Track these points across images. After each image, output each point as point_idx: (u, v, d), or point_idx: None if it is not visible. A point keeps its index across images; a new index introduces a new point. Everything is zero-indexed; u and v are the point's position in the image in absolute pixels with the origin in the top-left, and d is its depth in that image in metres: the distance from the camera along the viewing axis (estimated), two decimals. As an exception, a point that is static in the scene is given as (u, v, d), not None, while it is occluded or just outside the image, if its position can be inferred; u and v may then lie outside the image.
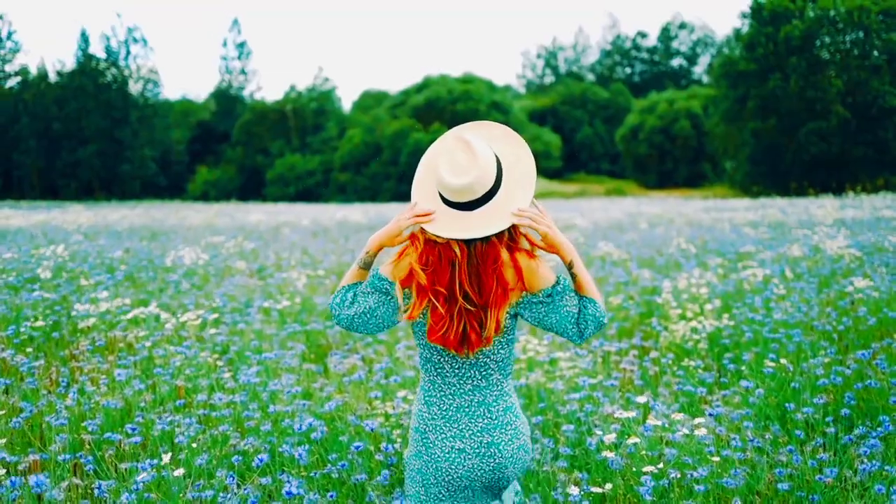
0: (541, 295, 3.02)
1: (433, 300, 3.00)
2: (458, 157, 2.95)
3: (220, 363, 6.80)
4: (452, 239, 2.97)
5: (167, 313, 7.66)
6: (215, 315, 7.84)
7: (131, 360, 6.47)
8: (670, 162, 75.70)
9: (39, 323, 7.71)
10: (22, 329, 7.85)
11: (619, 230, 19.85)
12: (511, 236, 3.05)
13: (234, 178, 76.42)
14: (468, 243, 2.98)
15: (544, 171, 76.12)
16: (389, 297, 3.13)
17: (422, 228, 3.04)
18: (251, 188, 74.79)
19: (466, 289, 2.98)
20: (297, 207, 42.46)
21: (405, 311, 3.08)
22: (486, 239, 2.98)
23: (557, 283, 3.05)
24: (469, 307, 2.98)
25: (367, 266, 3.24)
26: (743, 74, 57.72)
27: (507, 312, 3.03)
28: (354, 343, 7.87)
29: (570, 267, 3.09)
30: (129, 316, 7.61)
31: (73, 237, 17.57)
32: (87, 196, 73.93)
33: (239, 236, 17.86)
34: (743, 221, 21.62)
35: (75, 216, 27.12)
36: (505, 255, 3.00)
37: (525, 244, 3.09)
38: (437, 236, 2.99)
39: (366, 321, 3.17)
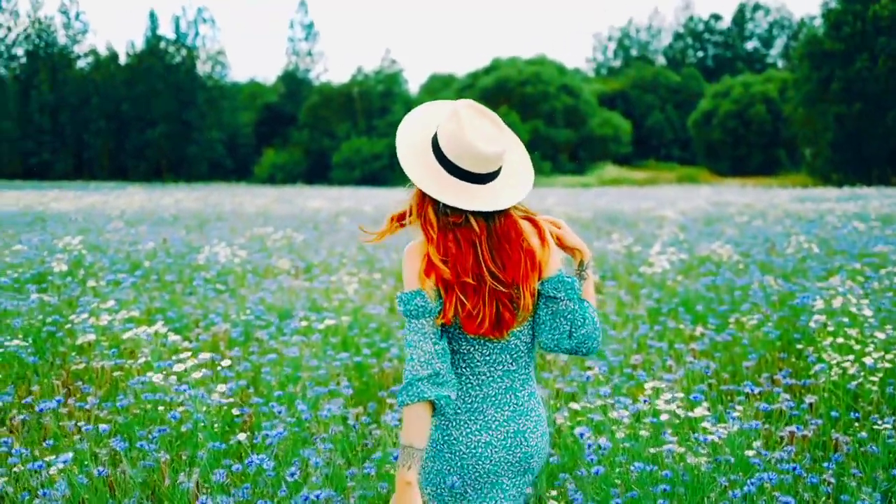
0: (553, 282, 2.90)
1: (460, 295, 2.82)
2: (483, 126, 2.84)
3: (234, 412, 5.08)
4: (480, 214, 2.83)
5: (177, 336, 5.91)
6: (240, 328, 6.08)
7: (108, 407, 4.77)
8: (744, 148, 73.70)
9: (13, 344, 6.03)
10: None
11: (712, 223, 17.81)
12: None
13: (300, 161, 76.21)
14: (487, 219, 2.85)
15: (614, 157, 74.94)
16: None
17: (431, 211, 2.86)
18: (317, 171, 74.28)
19: (492, 268, 2.83)
20: (361, 192, 40.96)
21: (439, 316, 2.85)
22: (504, 212, 2.87)
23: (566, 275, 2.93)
24: (499, 287, 2.83)
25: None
26: (828, 55, 55.17)
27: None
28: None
29: (584, 267, 3.05)
30: (130, 334, 5.90)
31: (111, 224, 16.02)
32: (155, 178, 74.29)
33: (290, 227, 16.09)
34: (847, 214, 19.47)
35: (127, 200, 25.77)
36: (526, 224, 2.92)
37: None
38: (456, 215, 2.83)
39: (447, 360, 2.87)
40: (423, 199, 2.90)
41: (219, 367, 5.60)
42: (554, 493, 4.45)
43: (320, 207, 23.53)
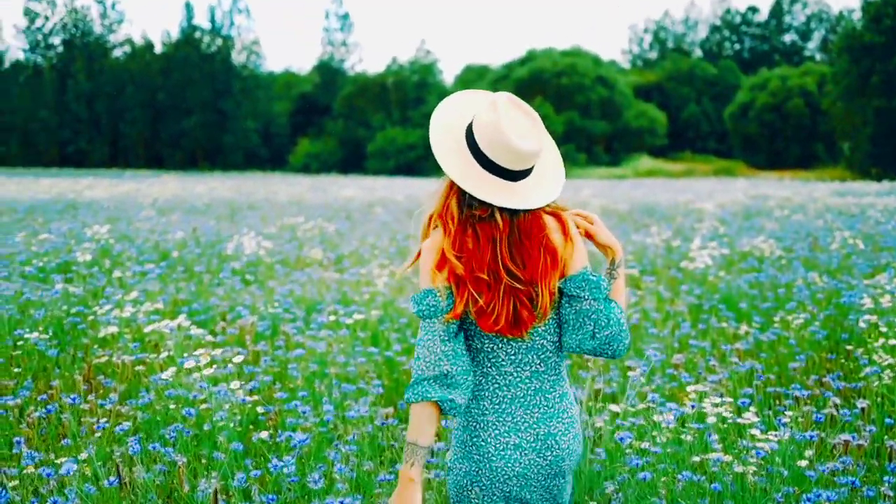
0: (576, 280, 2.80)
1: (472, 292, 2.73)
2: (521, 122, 2.75)
3: (259, 410, 4.85)
4: (506, 209, 2.75)
5: (202, 329, 5.70)
6: (267, 321, 5.85)
7: (131, 404, 4.56)
8: (781, 142, 73.10)
9: (33, 336, 5.84)
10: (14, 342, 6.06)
11: (752, 217, 17.41)
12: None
13: (335, 150, 76.43)
14: (512, 215, 2.76)
15: (649, 149, 74.47)
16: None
17: (454, 203, 2.78)
18: (352, 161, 74.37)
19: (510, 266, 2.73)
20: (396, 182, 40.72)
21: (449, 312, 2.75)
22: (530, 210, 2.78)
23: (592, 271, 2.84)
24: (516, 285, 2.74)
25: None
26: (867, 48, 54.43)
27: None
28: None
29: (615, 266, 2.93)
30: (153, 328, 5.70)
31: (142, 213, 15.88)
32: (190, 166, 74.78)
33: (322, 216, 15.86)
34: (889, 208, 18.98)
35: (160, 188, 25.70)
36: (549, 220, 2.82)
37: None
38: (483, 209, 2.74)
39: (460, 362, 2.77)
40: (450, 189, 2.83)
41: (241, 362, 5.39)
42: (594, 503, 4.20)
43: (353, 197, 23.32)
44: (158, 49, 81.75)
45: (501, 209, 2.76)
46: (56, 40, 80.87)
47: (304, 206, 20.03)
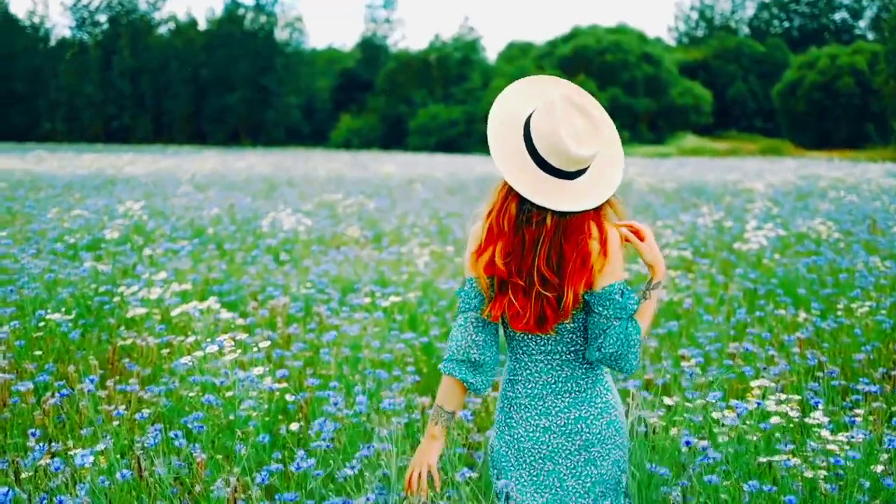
0: (601, 297, 2.84)
1: (511, 297, 2.86)
2: (578, 124, 2.75)
3: (289, 398, 4.54)
4: (557, 210, 2.78)
5: (232, 312, 5.40)
6: (300, 302, 5.52)
7: (150, 391, 4.27)
8: (830, 121, 71.83)
9: (55, 317, 5.57)
10: (38, 322, 5.79)
11: (804, 197, 16.84)
12: (597, 209, 2.87)
13: (376, 126, 76.38)
14: (562, 215, 2.80)
15: (694, 128, 73.95)
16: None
17: (514, 206, 2.82)
18: (393, 137, 74.21)
19: (544, 272, 2.82)
20: (436, 158, 40.34)
21: (486, 309, 2.92)
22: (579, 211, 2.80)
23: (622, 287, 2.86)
24: (545, 292, 2.83)
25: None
26: (922, 26, 53.05)
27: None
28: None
29: (652, 286, 2.95)
30: (179, 310, 5.41)
31: (180, 188, 15.65)
32: (232, 142, 74.97)
33: (362, 193, 15.52)
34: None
35: (199, 163, 25.51)
36: (592, 227, 2.83)
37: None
38: (539, 210, 2.78)
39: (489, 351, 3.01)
40: (508, 191, 2.85)
41: (269, 347, 5.08)
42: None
43: (393, 173, 22.96)
44: (202, 26, 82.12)
45: (554, 211, 2.80)
46: (102, 17, 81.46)
47: (343, 182, 19.71)
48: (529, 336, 2.97)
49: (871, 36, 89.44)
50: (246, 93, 78.14)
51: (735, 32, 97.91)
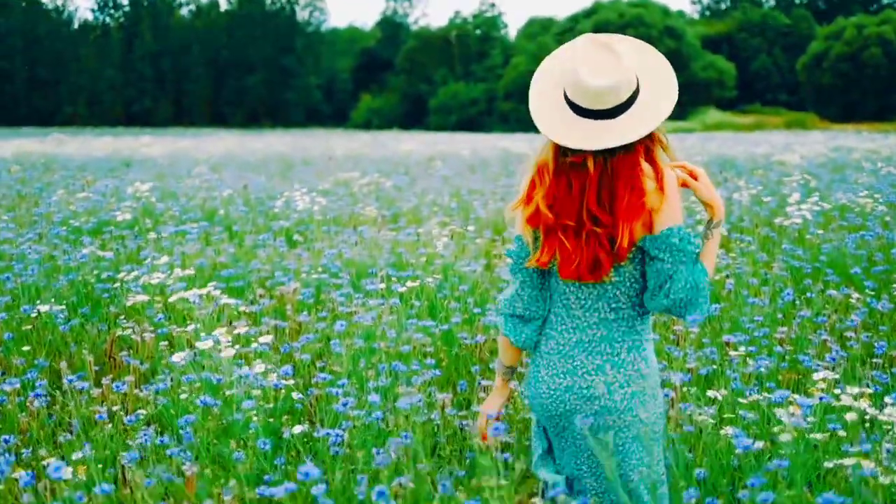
0: (658, 241, 2.74)
1: (562, 238, 2.78)
2: (598, 59, 2.72)
3: (295, 396, 4.09)
4: (591, 151, 2.72)
5: (236, 298, 4.95)
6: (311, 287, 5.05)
7: (146, 390, 3.82)
8: (857, 93, 71.16)
9: (47, 308, 5.14)
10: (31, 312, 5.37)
11: (840, 170, 16.22)
12: (647, 149, 2.79)
13: (396, 106, 76.13)
14: (606, 156, 2.72)
15: (717, 102, 72.86)
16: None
17: (552, 153, 2.81)
18: (414, 117, 73.86)
19: (595, 212, 2.74)
20: (456, 137, 39.77)
21: (534, 257, 2.86)
22: (630, 147, 2.72)
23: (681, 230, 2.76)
24: (597, 229, 2.74)
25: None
26: (954, -8, 51.96)
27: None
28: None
29: (713, 226, 2.88)
30: (177, 297, 4.97)
31: (195, 169, 15.21)
32: (253, 124, 74.76)
33: (379, 171, 15.02)
34: None
35: (216, 144, 25.11)
36: (647, 167, 2.74)
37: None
38: (575, 153, 2.74)
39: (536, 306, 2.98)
40: (550, 140, 2.82)
41: (275, 338, 4.63)
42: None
43: (413, 151, 22.42)
44: (223, 6, 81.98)
45: (594, 153, 2.73)
46: (124, 0, 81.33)
47: (362, 160, 19.21)
48: (572, 290, 2.89)
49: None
50: (266, 74, 78.18)
51: (760, 4, 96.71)
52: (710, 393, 4.23)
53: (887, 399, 3.92)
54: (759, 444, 3.57)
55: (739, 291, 6.17)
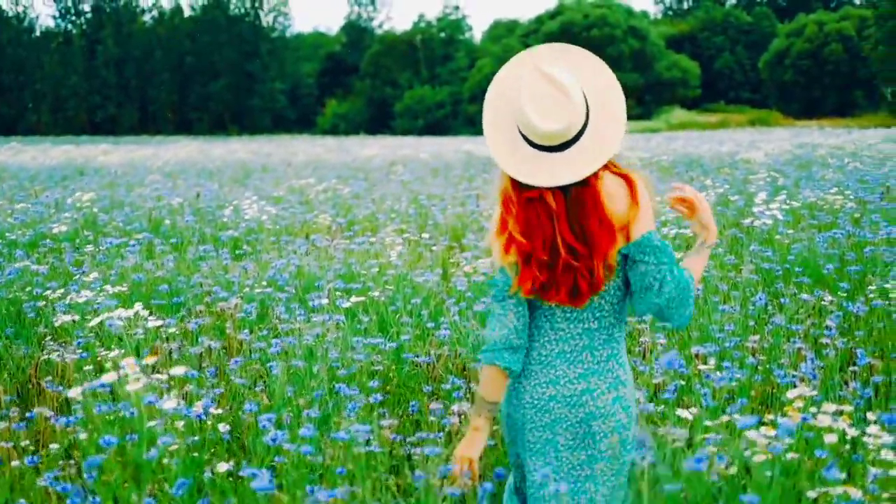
0: (640, 245, 2.78)
1: (535, 271, 2.79)
2: (545, 97, 2.68)
3: (222, 428, 3.70)
4: (543, 188, 2.75)
5: (171, 317, 4.54)
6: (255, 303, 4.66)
7: (57, 422, 3.42)
8: (818, 89, 71.78)
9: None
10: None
11: (807, 167, 16.00)
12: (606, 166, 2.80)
13: (362, 110, 75.94)
14: (563, 189, 2.76)
15: (682, 101, 73.42)
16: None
17: (510, 185, 2.82)
18: (380, 121, 73.61)
19: (570, 241, 2.77)
20: (423, 141, 39.41)
21: (515, 284, 2.83)
22: (584, 180, 2.74)
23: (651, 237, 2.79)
24: (573, 262, 2.76)
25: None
26: (915, -12, 52.40)
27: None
28: (468, 380, 4.64)
29: (705, 247, 2.96)
30: (98, 320, 4.56)
31: (150, 177, 14.73)
32: (219, 130, 74.14)
33: (336, 178, 14.59)
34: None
35: (176, 152, 24.59)
36: (612, 184, 2.77)
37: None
38: (531, 188, 2.76)
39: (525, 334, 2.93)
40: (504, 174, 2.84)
41: (207, 363, 4.24)
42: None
43: (375, 156, 21.98)
44: (187, 12, 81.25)
45: (551, 188, 2.76)
46: (86, 6, 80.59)
47: (322, 166, 18.72)
48: (557, 305, 2.88)
49: (858, 1, 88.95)
50: (231, 79, 77.53)
51: (722, 3, 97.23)
52: (679, 412, 3.89)
53: (870, 415, 3.60)
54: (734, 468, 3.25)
55: (709, 297, 5.84)
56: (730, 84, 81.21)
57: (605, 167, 2.79)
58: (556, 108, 2.68)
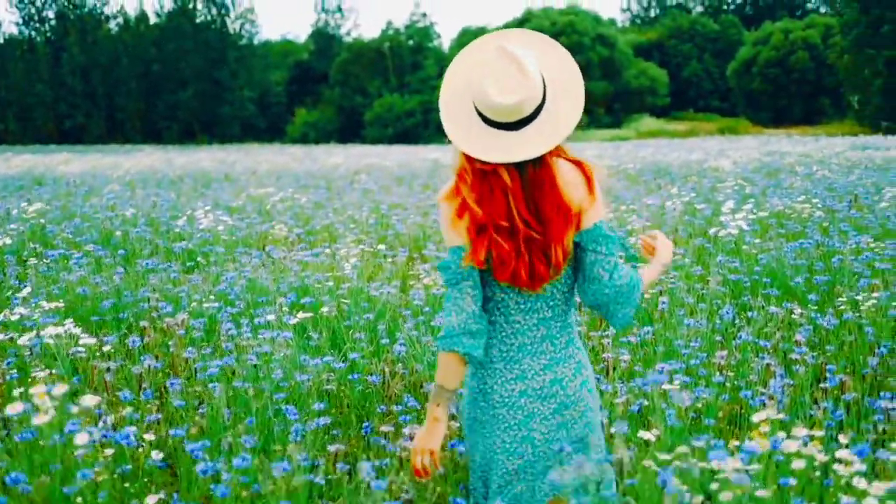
0: (592, 234, 2.81)
1: (495, 236, 2.75)
2: (504, 73, 2.70)
3: (155, 455, 3.44)
4: (497, 163, 2.73)
5: (92, 336, 4.26)
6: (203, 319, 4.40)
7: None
8: (785, 98, 72.02)
9: None
10: None
11: (774, 175, 15.91)
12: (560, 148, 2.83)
13: (332, 119, 75.55)
14: (518, 168, 2.76)
15: (651, 110, 73.56)
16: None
17: (464, 157, 2.79)
18: (351, 130, 73.24)
19: (526, 216, 2.75)
20: (392, 149, 39.19)
21: (468, 256, 2.78)
22: (539, 161, 2.75)
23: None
24: (534, 235, 2.75)
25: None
26: (877, -3, 52.79)
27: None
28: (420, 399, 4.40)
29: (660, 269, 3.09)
30: (26, 339, 4.28)
31: (108, 187, 14.38)
32: (188, 139, 73.56)
33: (297, 187, 14.30)
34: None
35: (137, 160, 24.19)
36: (567, 171, 2.81)
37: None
38: (484, 162, 2.74)
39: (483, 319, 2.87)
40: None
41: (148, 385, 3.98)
42: None
43: (340, 164, 21.68)
44: (153, 20, 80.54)
45: (506, 163, 2.74)
46: (49, 14, 79.67)
47: (286, 175, 18.40)
48: (510, 296, 2.88)
49: (823, 10, 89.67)
50: (198, 87, 76.82)
51: (689, 11, 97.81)
52: (641, 434, 3.68)
53: (842, 438, 3.40)
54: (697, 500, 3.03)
55: (674, 311, 5.64)
56: (699, 92, 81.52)
57: (558, 153, 2.81)
58: (512, 83, 2.68)
